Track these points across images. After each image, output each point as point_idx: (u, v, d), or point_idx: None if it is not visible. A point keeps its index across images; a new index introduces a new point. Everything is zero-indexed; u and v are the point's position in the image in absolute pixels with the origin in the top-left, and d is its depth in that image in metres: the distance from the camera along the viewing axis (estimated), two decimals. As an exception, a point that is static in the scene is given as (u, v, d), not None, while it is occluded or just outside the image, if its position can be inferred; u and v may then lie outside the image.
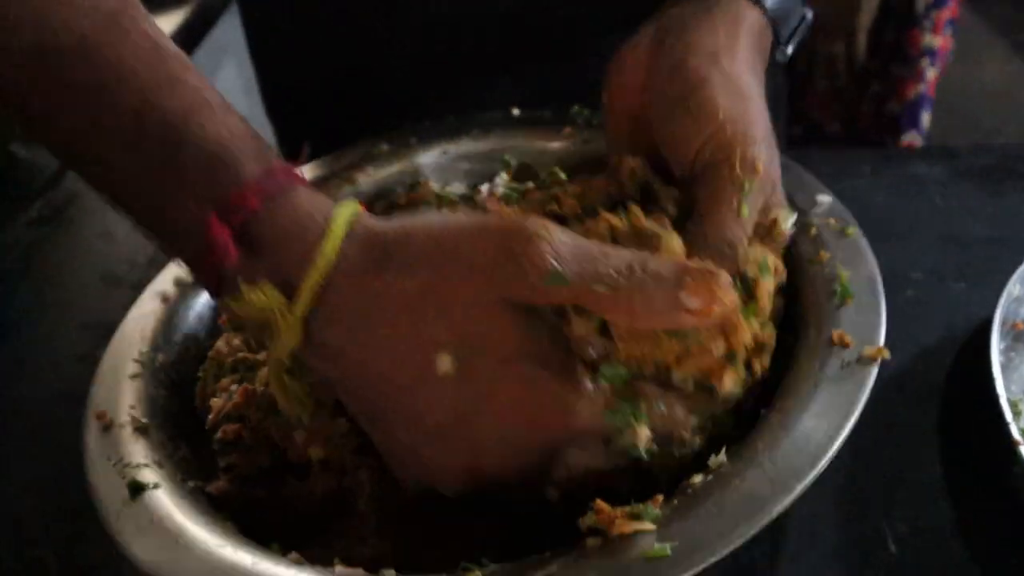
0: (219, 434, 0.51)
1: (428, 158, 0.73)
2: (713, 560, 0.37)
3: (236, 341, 0.57)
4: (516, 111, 0.76)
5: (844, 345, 0.48)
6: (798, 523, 0.56)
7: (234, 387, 0.53)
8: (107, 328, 0.76)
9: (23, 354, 0.74)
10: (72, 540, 0.58)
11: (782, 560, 0.54)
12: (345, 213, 0.42)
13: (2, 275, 0.83)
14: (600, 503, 0.39)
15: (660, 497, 0.41)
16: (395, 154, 0.74)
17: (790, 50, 0.60)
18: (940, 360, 0.66)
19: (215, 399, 0.53)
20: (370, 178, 0.72)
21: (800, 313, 0.53)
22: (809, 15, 0.62)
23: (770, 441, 0.42)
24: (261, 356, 0.55)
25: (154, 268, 0.82)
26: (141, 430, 0.52)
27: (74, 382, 0.70)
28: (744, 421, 0.47)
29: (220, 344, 0.58)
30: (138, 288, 0.79)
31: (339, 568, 0.41)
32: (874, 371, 0.47)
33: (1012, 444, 0.54)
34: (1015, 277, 0.66)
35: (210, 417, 0.53)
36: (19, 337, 0.76)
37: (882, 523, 0.55)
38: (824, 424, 0.43)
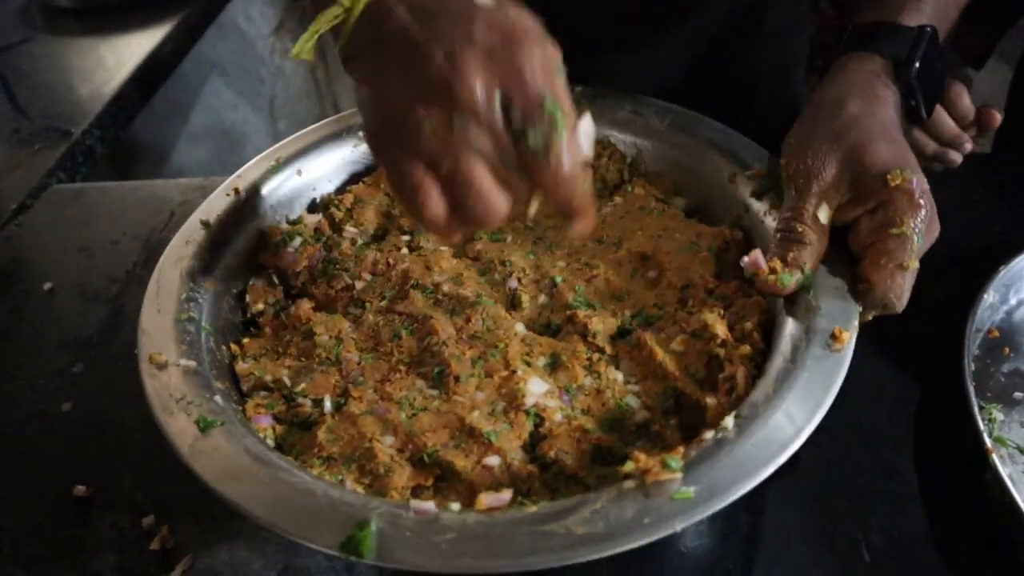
0: None
1: None
2: (727, 503, 0.43)
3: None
4: None
5: (834, 337, 0.52)
6: (772, 533, 0.56)
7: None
8: (84, 344, 0.76)
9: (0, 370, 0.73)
10: (44, 559, 0.58)
11: (756, 570, 0.54)
12: None
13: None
14: (636, 453, 0.46)
15: (681, 448, 0.47)
16: None
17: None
18: (916, 369, 0.66)
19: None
20: None
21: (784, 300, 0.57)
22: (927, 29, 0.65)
23: (767, 407, 0.48)
24: None
25: (133, 284, 0.82)
26: (190, 371, 0.54)
27: (50, 399, 0.70)
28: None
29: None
30: (116, 303, 0.80)
31: (413, 502, 0.45)
32: (850, 351, 0.51)
33: (984, 452, 0.54)
34: (990, 285, 0.67)
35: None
36: (-4, 353, 0.75)
37: (856, 533, 0.55)
38: (811, 396, 0.48)
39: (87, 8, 1.40)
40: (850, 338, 0.52)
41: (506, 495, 0.47)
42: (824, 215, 0.57)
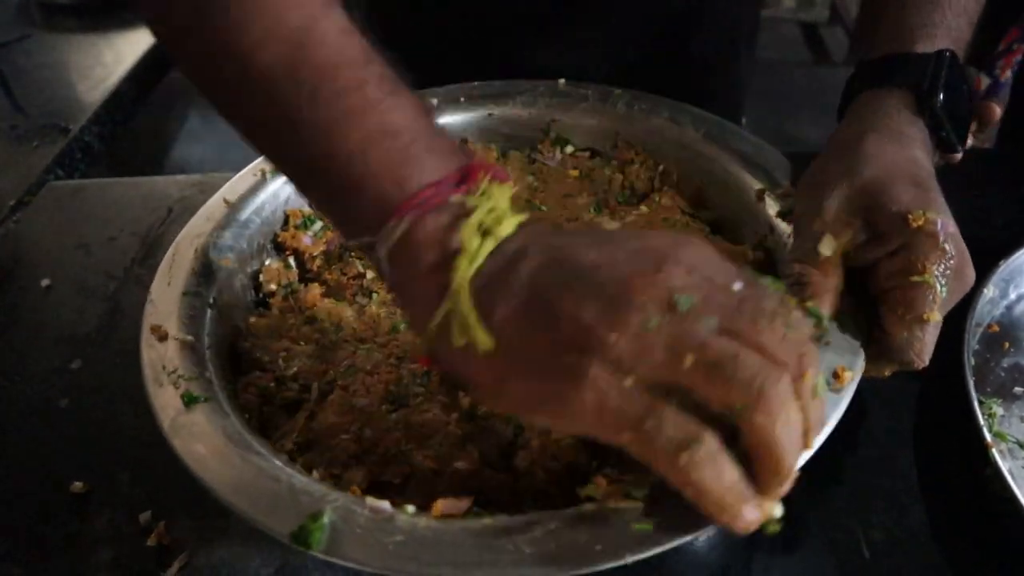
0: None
1: (473, 117, 0.78)
2: (687, 540, 0.41)
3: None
4: (562, 82, 0.78)
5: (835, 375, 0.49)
6: (772, 529, 0.56)
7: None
8: (82, 340, 0.76)
9: (-3, 368, 0.73)
10: (41, 555, 0.58)
11: (756, 566, 0.54)
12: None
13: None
14: (599, 478, 0.44)
15: (650, 477, 0.44)
16: (443, 109, 0.77)
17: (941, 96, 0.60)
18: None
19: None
20: None
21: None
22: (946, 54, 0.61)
23: None
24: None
25: (131, 281, 0.82)
26: (187, 345, 0.55)
27: (47, 395, 0.70)
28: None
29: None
30: (114, 299, 0.80)
31: (369, 499, 0.45)
32: (849, 394, 0.48)
33: (984, 447, 0.54)
34: (990, 280, 0.66)
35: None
36: (-6, 350, 0.75)
37: (857, 529, 0.55)
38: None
39: (85, 5, 1.40)
40: (852, 379, 0.49)
41: (464, 503, 0.46)
42: (827, 247, 0.53)
